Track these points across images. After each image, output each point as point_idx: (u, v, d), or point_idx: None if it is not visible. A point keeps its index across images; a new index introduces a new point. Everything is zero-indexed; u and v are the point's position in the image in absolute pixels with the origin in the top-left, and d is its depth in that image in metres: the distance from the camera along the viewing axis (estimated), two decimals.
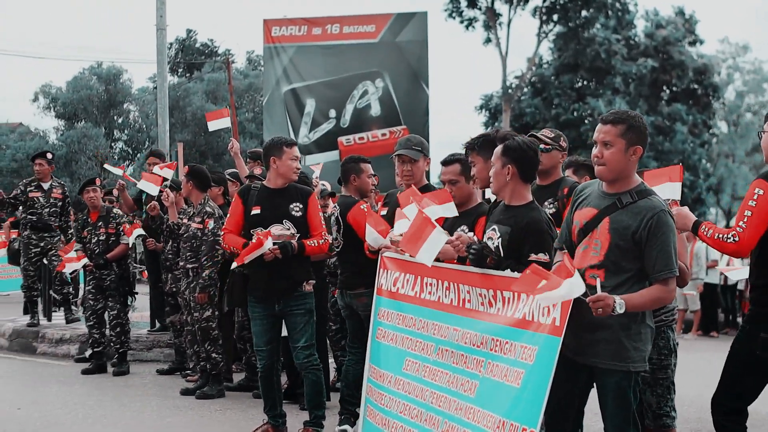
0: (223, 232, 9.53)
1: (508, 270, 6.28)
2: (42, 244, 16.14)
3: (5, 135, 54.07)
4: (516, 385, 5.82)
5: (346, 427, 9.57)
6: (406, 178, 9.02)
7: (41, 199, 16.03)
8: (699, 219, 6.88)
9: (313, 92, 26.24)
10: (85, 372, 13.74)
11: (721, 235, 6.55)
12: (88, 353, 14.63)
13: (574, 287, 5.57)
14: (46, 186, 16.12)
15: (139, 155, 56.84)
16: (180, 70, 60.49)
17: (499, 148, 6.76)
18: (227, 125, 14.48)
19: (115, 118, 58.47)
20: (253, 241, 8.89)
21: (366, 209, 9.30)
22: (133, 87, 58.62)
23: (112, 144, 58.10)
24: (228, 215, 9.58)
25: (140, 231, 13.49)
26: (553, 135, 8.13)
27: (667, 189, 7.37)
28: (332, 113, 26.17)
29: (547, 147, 8.01)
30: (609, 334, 5.88)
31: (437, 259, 6.99)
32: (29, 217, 16.12)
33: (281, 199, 9.25)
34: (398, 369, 7.24)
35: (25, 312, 20.43)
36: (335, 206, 10.04)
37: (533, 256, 5.93)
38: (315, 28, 26.51)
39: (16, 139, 53.25)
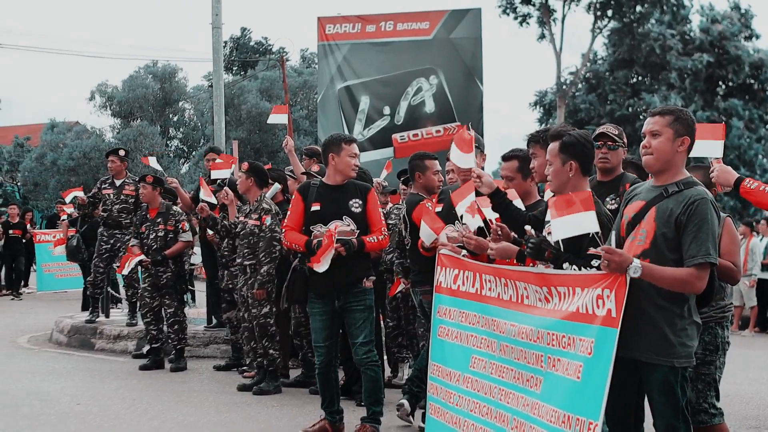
0: (284, 230, 9.54)
1: (566, 264, 6.28)
2: (112, 242, 16.20)
3: (63, 133, 54.53)
4: (576, 379, 5.80)
5: (403, 401, 9.79)
6: (462, 174, 8.95)
7: (112, 195, 16.09)
8: (741, 175, 6.86)
9: (368, 89, 26.24)
10: (142, 368, 13.86)
11: (765, 188, 6.53)
12: (145, 349, 14.76)
13: (586, 220, 5.62)
14: (118, 183, 16.20)
15: (194, 153, 57.14)
16: (234, 68, 60.76)
17: (555, 146, 6.72)
18: (284, 121, 14.56)
19: (171, 116, 58.83)
20: (324, 241, 8.91)
21: (431, 206, 9.30)
22: (188, 85, 58.95)
23: (168, 142, 58.47)
24: (288, 212, 9.59)
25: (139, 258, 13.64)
26: (617, 131, 8.05)
27: (708, 146, 7.24)
28: (386, 110, 26.14)
29: (615, 144, 7.97)
30: (652, 328, 5.86)
31: (491, 260, 7.04)
32: (102, 214, 16.22)
33: (341, 195, 9.27)
34: (465, 367, 7.21)
35: (84, 308, 20.66)
36: (396, 205, 10.11)
37: (592, 250, 5.91)
38: (369, 25, 26.50)
39: (73, 137, 53.70)
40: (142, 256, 13.85)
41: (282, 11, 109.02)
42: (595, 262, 5.92)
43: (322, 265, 8.97)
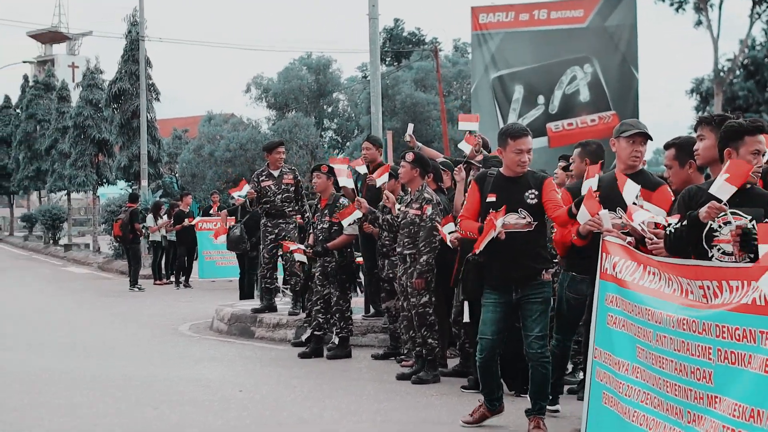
0: (459, 219, 9.50)
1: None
2: (276, 231, 16.26)
3: (219, 125, 55.50)
4: (764, 373, 5.63)
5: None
6: (635, 159, 8.79)
7: (273, 186, 16.27)
8: None
9: (521, 79, 26.14)
10: (302, 355, 14.03)
11: None
12: (305, 336, 14.93)
13: None
14: (276, 173, 16.38)
15: (348, 144, 57.63)
16: (388, 59, 61.04)
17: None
18: (474, 128, 14.56)
19: (325, 107, 59.45)
20: (486, 226, 8.81)
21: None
22: (343, 76, 59.47)
23: (322, 133, 59.07)
24: (465, 201, 9.57)
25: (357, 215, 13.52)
26: None
27: None
28: (540, 99, 26.02)
29: None
30: None
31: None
32: (264, 206, 16.44)
33: (516, 186, 9.09)
34: (633, 356, 7.11)
35: (241, 297, 21.02)
36: None
37: None
38: (522, 13, 26.40)
39: (230, 129, 54.59)
40: (302, 255, 14.06)
41: (434, 1, 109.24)
42: None
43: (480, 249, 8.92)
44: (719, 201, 6.59)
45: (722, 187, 6.64)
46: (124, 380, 12.19)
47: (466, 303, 10.95)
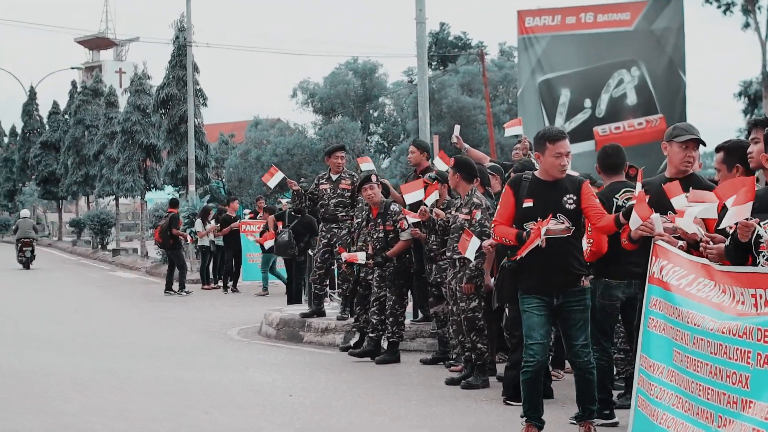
0: (493, 224, 9.21)
1: None
2: (329, 236, 16.22)
3: (266, 130, 55.80)
4: None
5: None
6: (687, 164, 8.62)
7: (329, 190, 16.27)
8: None
9: (568, 82, 26.08)
10: (355, 354, 14.02)
11: None
12: (353, 342, 14.99)
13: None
14: (335, 177, 16.28)
15: (394, 148, 57.71)
16: (434, 64, 61.10)
17: None
18: (520, 132, 14.55)
19: (371, 111, 59.59)
20: (532, 234, 8.58)
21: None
22: (388, 81, 59.60)
23: (368, 138, 59.20)
24: (498, 206, 9.31)
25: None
26: None
27: None
28: (587, 103, 25.95)
29: None
30: None
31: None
32: (320, 210, 16.48)
33: (554, 191, 8.87)
34: (669, 360, 7.09)
35: (289, 302, 21.08)
36: None
37: None
38: (569, 17, 26.36)
39: (276, 134, 54.83)
40: (361, 260, 14.09)
41: (479, 5, 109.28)
42: None
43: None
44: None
45: (738, 214, 6.61)
46: (176, 384, 12.29)
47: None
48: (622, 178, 10.00)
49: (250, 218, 29.31)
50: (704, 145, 8.72)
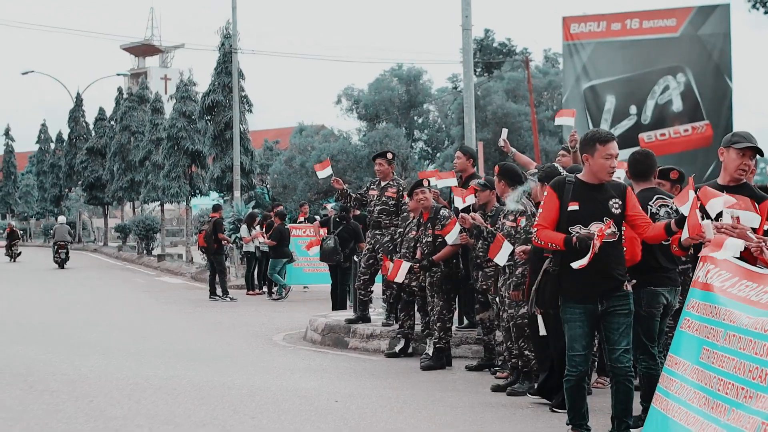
0: (536, 228, 9.01)
1: None
2: (373, 242, 16.33)
3: (311, 137, 55.96)
4: None
5: None
6: (741, 172, 8.53)
7: (375, 197, 16.32)
8: None
9: (613, 89, 26.07)
10: (425, 368, 13.85)
11: None
12: (398, 348, 15.02)
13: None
14: (383, 184, 16.33)
15: (438, 155, 57.73)
16: (478, 70, 61.11)
17: None
18: (571, 123, 14.52)
19: (415, 118, 59.62)
20: (596, 243, 8.37)
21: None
22: (433, 87, 59.61)
23: (413, 144, 59.24)
24: (540, 210, 9.07)
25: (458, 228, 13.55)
26: None
27: None
28: (633, 110, 25.92)
29: None
30: None
31: None
32: (368, 215, 16.53)
33: (600, 195, 8.77)
34: (696, 358, 7.09)
35: (334, 308, 21.12)
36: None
37: None
38: (614, 23, 26.35)
39: (321, 140, 54.97)
40: (399, 280, 14.11)
41: (524, 12, 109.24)
42: None
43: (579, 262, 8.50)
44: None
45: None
46: (223, 389, 12.34)
47: (539, 316, 10.89)
48: (652, 184, 9.98)
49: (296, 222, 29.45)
50: (761, 155, 8.61)
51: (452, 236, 13.36)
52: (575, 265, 8.44)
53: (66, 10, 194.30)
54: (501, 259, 11.58)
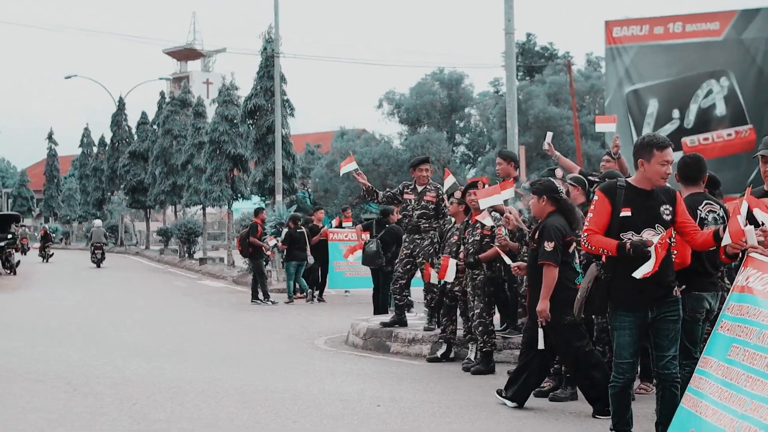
0: (586, 233, 8.85)
1: None
2: (411, 247, 16.32)
3: (352, 141, 56.06)
4: None
5: None
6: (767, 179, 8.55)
7: (413, 201, 16.31)
8: None
9: (656, 92, 25.97)
10: (475, 372, 13.81)
11: None
12: (440, 353, 15.01)
13: None
14: (420, 189, 16.35)
15: (480, 159, 57.66)
16: (520, 74, 61.00)
17: None
18: (612, 130, 14.46)
19: (457, 122, 59.60)
20: (657, 252, 8.28)
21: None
22: (474, 91, 59.58)
23: (454, 148, 59.23)
24: (591, 215, 8.91)
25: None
26: None
27: None
28: (675, 114, 25.81)
29: None
30: None
31: None
32: (404, 220, 16.55)
33: (651, 200, 8.69)
34: (723, 356, 7.17)
35: (376, 312, 21.12)
36: None
37: None
38: (657, 27, 26.24)
39: (362, 144, 55.05)
40: (449, 278, 14.14)
41: (566, 16, 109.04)
42: None
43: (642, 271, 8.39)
44: None
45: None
46: (265, 392, 12.37)
47: (540, 330, 10.87)
48: (701, 189, 9.89)
49: (336, 226, 29.44)
50: None
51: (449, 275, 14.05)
52: (638, 274, 8.34)
53: (109, 15, 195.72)
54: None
